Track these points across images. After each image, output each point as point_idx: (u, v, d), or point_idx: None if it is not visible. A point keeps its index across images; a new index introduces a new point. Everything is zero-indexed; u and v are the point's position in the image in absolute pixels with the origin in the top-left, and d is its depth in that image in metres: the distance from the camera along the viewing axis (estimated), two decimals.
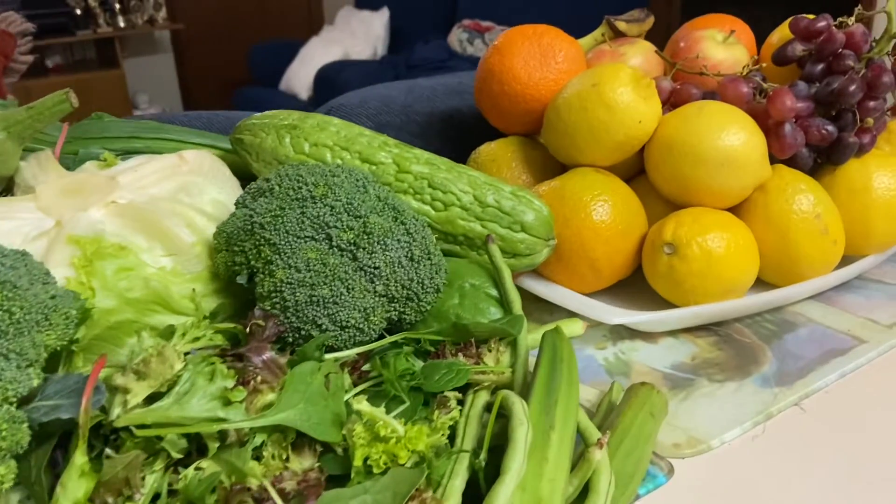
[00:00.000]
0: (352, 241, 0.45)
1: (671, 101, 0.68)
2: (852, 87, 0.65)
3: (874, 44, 0.71)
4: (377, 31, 4.03)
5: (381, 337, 0.47)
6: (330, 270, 0.43)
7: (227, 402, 0.36)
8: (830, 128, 0.65)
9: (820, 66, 0.70)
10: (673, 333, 0.63)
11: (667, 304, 0.63)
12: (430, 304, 0.49)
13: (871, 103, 0.66)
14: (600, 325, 0.63)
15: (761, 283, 0.65)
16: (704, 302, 0.61)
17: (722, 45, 0.74)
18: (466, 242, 0.57)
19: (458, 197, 0.56)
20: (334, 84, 3.49)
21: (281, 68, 4.03)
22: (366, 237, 0.45)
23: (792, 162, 0.67)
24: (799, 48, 0.72)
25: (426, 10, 3.84)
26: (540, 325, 0.63)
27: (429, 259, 0.48)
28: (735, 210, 0.65)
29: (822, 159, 0.69)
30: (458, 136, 0.81)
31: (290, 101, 3.76)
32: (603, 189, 0.63)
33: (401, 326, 0.49)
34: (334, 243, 0.44)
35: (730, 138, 0.61)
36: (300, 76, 3.91)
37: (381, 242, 0.45)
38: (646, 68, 0.73)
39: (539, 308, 0.66)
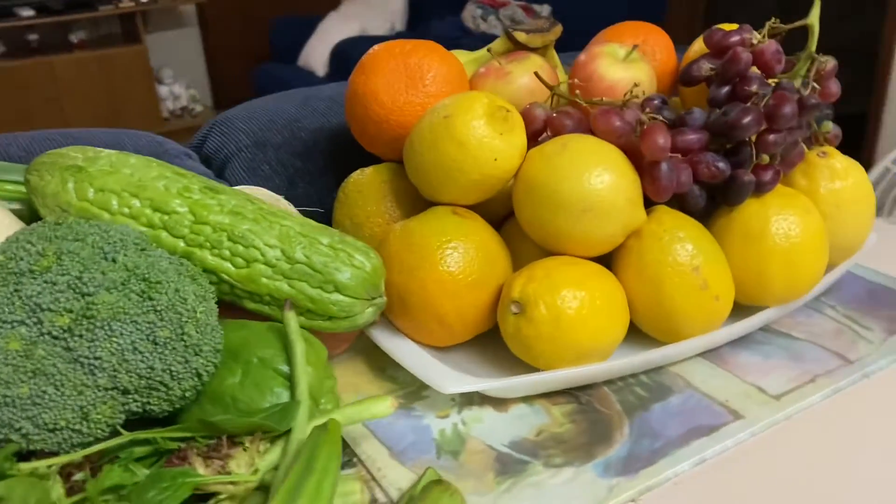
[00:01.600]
0: (66, 326, 0.39)
1: (547, 132, 0.61)
2: (747, 119, 0.56)
3: (797, 59, 0.62)
4: (395, 6, 3.94)
5: (117, 433, 0.41)
6: (33, 364, 0.38)
7: None
8: (722, 164, 0.57)
9: (725, 90, 0.61)
10: (528, 399, 0.56)
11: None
12: (189, 391, 0.43)
13: (772, 137, 0.57)
14: None
15: (645, 338, 0.58)
16: (557, 367, 0.54)
17: (622, 62, 0.65)
18: (275, 303, 0.50)
19: (263, 252, 0.50)
20: (350, 60, 3.42)
21: (301, 44, 3.98)
22: (85, 321, 0.39)
23: (683, 202, 0.59)
24: (706, 66, 0.63)
25: None
26: (390, 383, 0.57)
27: (181, 340, 0.41)
28: (609, 258, 0.58)
29: (720, 198, 0.60)
30: (344, 156, 0.74)
31: (308, 78, 3.71)
32: (455, 234, 0.56)
33: (159, 417, 0.43)
34: (45, 329, 0.38)
35: (592, 181, 0.53)
36: (317, 52, 3.86)
37: (106, 327, 0.39)
38: (534, 88, 0.65)
39: (392, 362, 0.60)
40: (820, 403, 0.54)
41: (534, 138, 0.60)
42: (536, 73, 0.62)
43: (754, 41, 0.61)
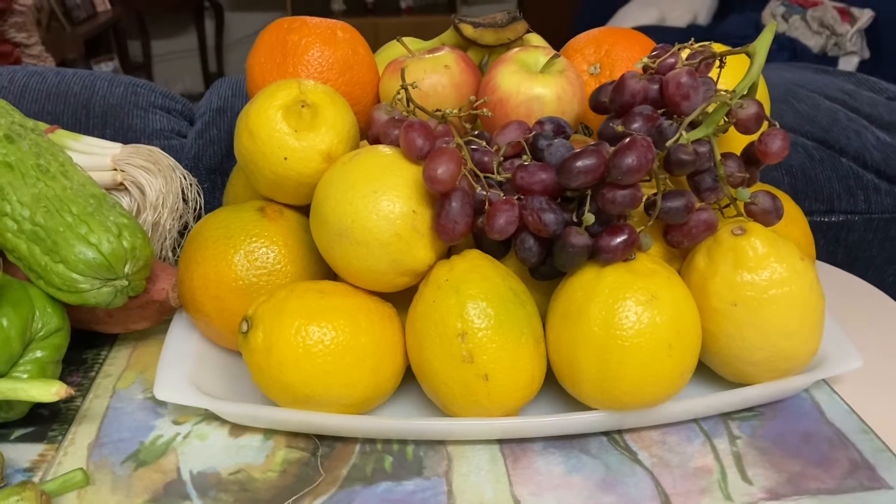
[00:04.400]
0: None
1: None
2: (578, 163, 0.43)
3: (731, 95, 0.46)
4: None
5: None
6: None
7: None
8: (550, 216, 0.45)
9: (615, 124, 0.48)
10: (269, 433, 0.49)
11: None
12: None
13: (609, 193, 0.43)
14: None
15: None
16: (282, 405, 0.47)
17: (533, 73, 0.54)
18: (21, 262, 0.50)
19: (13, 207, 0.49)
20: None
21: (603, 24, 3.89)
22: None
23: (518, 253, 0.48)
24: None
25: None
26: None
27: None
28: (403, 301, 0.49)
29: None
30: None
31: None
32: (239, 232, 0.51)
33: None
34: None
35: (355, 202, 0.45)
36: None
37: None
38: (428, 90, 0.56)
39: None
40: None
41: (374, 143, 0.52)
42: (402, 71, 0.53)
43: (653, 66, 0.46)
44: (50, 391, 0.45)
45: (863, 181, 0.76)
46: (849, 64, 2.91)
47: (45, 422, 0.51)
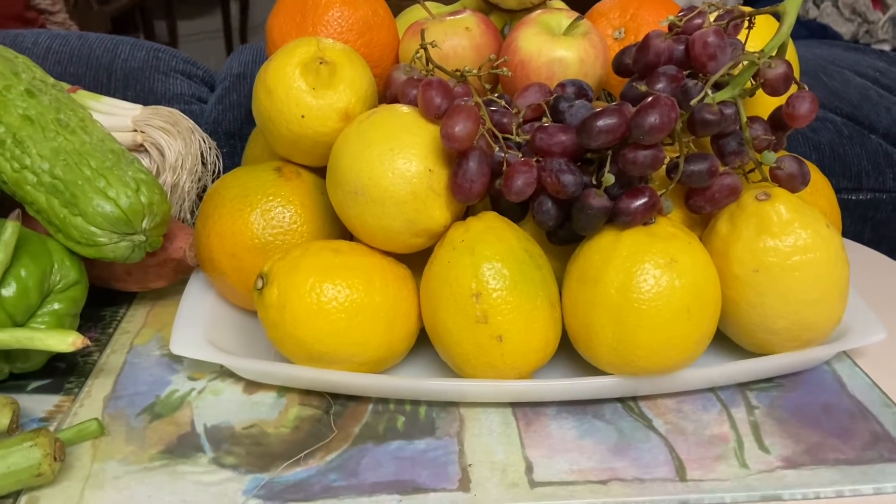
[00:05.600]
0: None
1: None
2: (600, 123, 0.42)
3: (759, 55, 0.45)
4: None
5: None
6: None
7: None
8: (568, 178, 0.44)
9: (639, 84, 0.47)
10: (283, 390, 0.49)
11: None
12: None
13: (630, 153, 0.42)
14: None
15: None
16: (296, 362, 0.47)
17: (555, 35, 0.53)
18: (40, 215, 0.50)
19: (33, 160, 0.49)
20: None
21: None
22: None
23: (535, 216, 0.47)
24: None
25: None
26: None
27: None
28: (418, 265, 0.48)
29: None
30: None
31: None
32: (256, 192, 0.51)
33: None
34: None
35: (371, 160, 0.45)
36: None
37: None
38: (448, 52, 0.55)
39: None
40: None
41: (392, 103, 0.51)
42: (422, 31, 0.52)
43: (679, 24, 0.45)
44: (66, 341, 0.45)
45: (892, 159, 0.74)
46: None
47: (62, 374, 0.51)
